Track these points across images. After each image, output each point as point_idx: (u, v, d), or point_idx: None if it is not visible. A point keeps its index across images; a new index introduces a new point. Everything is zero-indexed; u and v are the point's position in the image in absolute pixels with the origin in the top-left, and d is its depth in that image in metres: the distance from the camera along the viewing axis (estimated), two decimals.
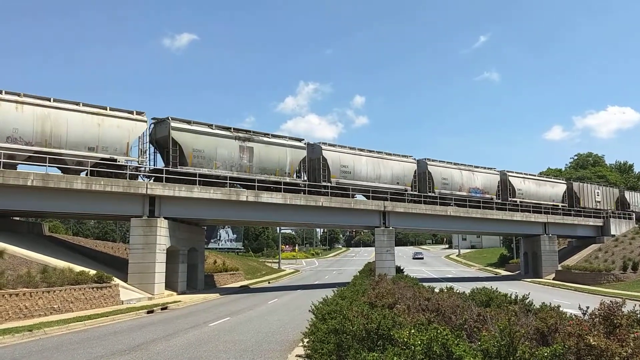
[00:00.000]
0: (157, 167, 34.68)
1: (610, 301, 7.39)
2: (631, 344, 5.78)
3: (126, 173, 32.19)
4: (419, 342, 5.64)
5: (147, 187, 32.08)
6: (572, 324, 6.69)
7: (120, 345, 15.09)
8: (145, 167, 34.19)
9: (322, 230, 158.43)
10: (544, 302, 11.34)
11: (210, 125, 35.83)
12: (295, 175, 39.78)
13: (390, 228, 43.89)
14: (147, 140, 33.86)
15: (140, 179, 33.49)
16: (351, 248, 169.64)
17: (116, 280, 27.87)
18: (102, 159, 31.07)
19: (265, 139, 38.34)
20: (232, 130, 36.83)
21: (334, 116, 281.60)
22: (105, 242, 52.10)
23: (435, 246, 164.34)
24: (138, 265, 31.18)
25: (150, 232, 31.65)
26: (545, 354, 5.27)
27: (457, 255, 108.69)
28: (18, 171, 28.59)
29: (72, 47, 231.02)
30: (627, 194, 63.93)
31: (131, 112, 32.68)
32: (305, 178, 41.18)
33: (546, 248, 53.97)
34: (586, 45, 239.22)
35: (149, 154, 34.74)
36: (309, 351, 9.04)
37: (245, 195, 36.31)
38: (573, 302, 22.04)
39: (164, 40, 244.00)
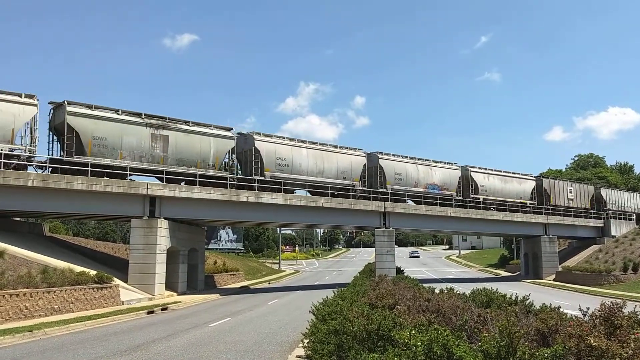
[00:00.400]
0: (54, 157, 31.27)
1: (611, 302, 7.39)
2: (632, 345, 5.78)
3: (12, 163, 28.68)
4: (420, 342, 5.64)
5: (147, 188, 32.09)
6: (573, 325, 6.69)
7: (121, 345, 15.10)
8: (35, 157, 30.36)
9: (322, 231, 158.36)
10: (544, 303, 11.34)
11: (116, 111, 32.33)
12: (223, 168, 37.26)
13: (391, 229, 43.89)
14: (37, 127, 29.92)
15: (31, 170, 30.21)
16: (351, 249, 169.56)
17: (116, 281, 27.88)
18: None
19: (185, 126, 34.94)
20: (143, 116, 33.26)
21: (334, 117, 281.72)
22: (105, 242, 52.13)
23: (435, 247, 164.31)
24: (138, 266, 31.19)
25: (151, 233, 31.65)
26: (546, 355, 5.27)
27: (457, 256, 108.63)
28: (18, 171, 28.59)
29: (73, 47, 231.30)
30: (603, 192, 61.73)
31: (19, 95, 29.07)
32: (239, 171, 39.29)
33: (546, 249, 53.94)
34: (587, 46, 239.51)
35: (49, 142, 31.95)
36: (309, 352, 9.05)
37: (246, 196, 36.30)
38: (573, 303, 22.03)
39: (164, 40, 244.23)
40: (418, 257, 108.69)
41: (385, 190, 44.63)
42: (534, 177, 57.57)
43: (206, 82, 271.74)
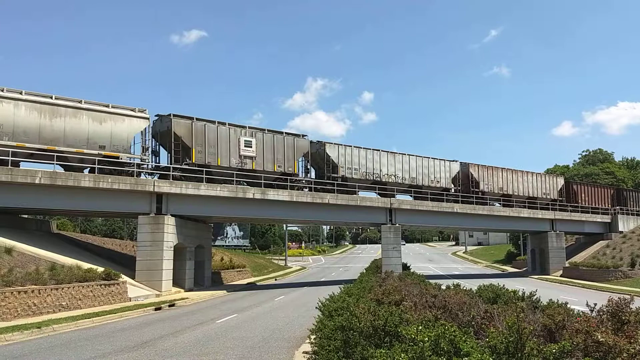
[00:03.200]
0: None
1: (618, 298, 7.37)
2: (639, 340, 5.76)
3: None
4: (427, 338, 5.64)
5: (154, 185, 32.18)
6: (580, 321, 6.68)
7: (129, 342, 15.18)
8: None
9: (328, 227, 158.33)
10: (551, 299, 11.31)
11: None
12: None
13: (397, 225, 43.87)
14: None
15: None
16: (357, 245, 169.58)
17: (124, 278, 28.00)
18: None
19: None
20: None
21: (342, 113, 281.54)
22: (112, 239, 52.34)
23: (442, 243, 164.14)
24: (145, 263, 31.32)
25: (158, 230, 31.76)
26: (554, 351, 5.26)
27: (463, 252, 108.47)
28: (26, 169, 28.75)
29: (80, 45, 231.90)
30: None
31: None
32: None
33: (553, 245, 53.78)
34: (597, 40, 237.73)
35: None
36: (316, 347, 9.06)
37: (252, 193, 36.36)
38: (581, 298, 21.96)
39: (172, 36, 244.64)
40: (404, 244, 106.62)
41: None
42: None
43: (214, 78, 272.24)
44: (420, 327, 6.19)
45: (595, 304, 7.85)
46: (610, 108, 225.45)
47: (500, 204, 51.98)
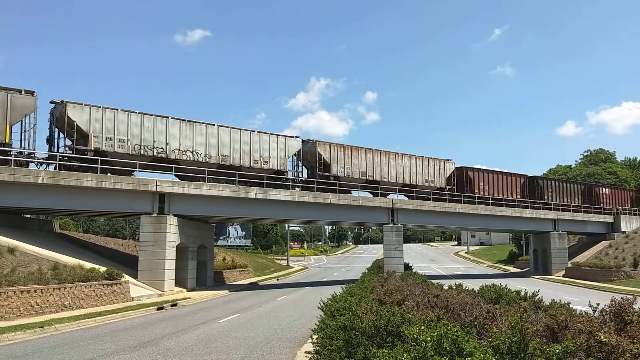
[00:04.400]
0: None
1: (621, 298, 7.36)
2: None
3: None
4: (429, 338, 5.64)
5: (156, 185, 32.21)
6: (583, 321, 6.67)
7: (131, 341, 15.20)
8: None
9: (330, 227, 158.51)
10: (553, 299, 11.29)
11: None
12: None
13: (399, 225, 43.85)
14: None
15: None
16: (359, 245, 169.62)
17: (126, 277, 28.04)
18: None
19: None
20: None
21: (345, 112, 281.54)
22: (115, 239, 52.40)
23: (444, 243, 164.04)
24: (148, 262, 31.35)
25: (160, 229, 31.79)
26: (557, 351, 5.25)
27: (465, 252, 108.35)
28: (29, 169, 28.79)
29: (80, 45, 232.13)
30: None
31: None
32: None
33: (556, 245, 53.71)
34: (602, 41, 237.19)
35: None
36: (318, 347, 9.05)
37: (254, 193, 36.39)
38: (583, 299, 21.93)
39: (176, 36, 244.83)
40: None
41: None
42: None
43: (217, 78, 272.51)
44: (422, 327, 6.19)
45: (598, 304, 7.83)
46: (614, 108, 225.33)
47: (359, 191, 44.06)
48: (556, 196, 56.00)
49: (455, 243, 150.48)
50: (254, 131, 37.87)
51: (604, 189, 61.20)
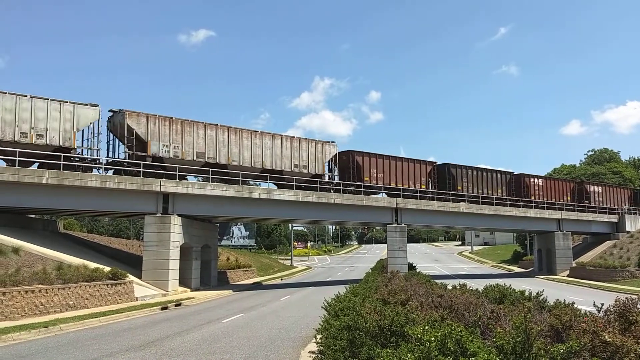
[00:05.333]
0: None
1: (626, 298, 7.35)
2: None
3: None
4: (433, 338, 5.64)
5: (160, 185, 32.27)
6: (587, 321, 6.66)
7: (135, 341, 15.23)
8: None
9: (334, 227, 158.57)
10: (558, 299, 11.27)
11: None
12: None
13: (403, 225, 43.82)
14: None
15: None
16: (363, 245, 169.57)
17: (130, 277, 28.09)
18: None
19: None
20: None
21: (349, 112, 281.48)
22: (119, 239, 52.53)
23: (447, 243, 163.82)
24: (152, 262, 31.41)
25: (164, 229, 31.85)
26: (561, 351, 5.24)
27: (469, 252, 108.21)
28: (33, 169, 28.87)
29: (84, 45, 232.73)
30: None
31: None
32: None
33: (560, 244, 53.57)
34: (607, 39, 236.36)
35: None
36: (322, 347, 9.06)
37: (258, 192, 36.43)
38: (587, 299, 21.88)
39: (180, 36, 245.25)
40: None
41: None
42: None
43: (221, 77, 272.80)
44: (426, 327, 6.19)
45: (603, 304, 7.82)
46: (619, 107, 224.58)
47: (195, 176, 37.68)
48: (473, 187, 49.49)
49: (459, 243, 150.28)
50: None
51: (535, 180, 55.43)
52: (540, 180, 55.93)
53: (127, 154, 32.15)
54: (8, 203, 28.51)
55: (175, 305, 26.41)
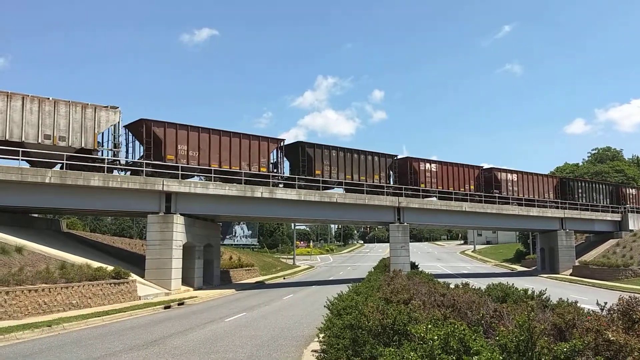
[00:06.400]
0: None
1: (629, 296, 7.33)
2: None
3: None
4: (436, 337, 5.63)
5: (163, 184, 32.30)
6: (591, 320, 6.64)
7: (138, 340, 15.25)
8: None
9: (336, 226, 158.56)
10: (561, 298, 11.25)
11: None
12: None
13: (405, 224, 43.79)
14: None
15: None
16: (365, 244, 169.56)
17: (133, 276, 28.14)
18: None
19: None
20: None
21: (352, 111, 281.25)
22: (122, 238, 52.60)
23: (450, 242, 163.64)
24: (155, 261, 31.46)
25: (167, 229, 31.89)
26: (565, 350, 5.23)
27: (472, 251, 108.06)
28: (36, 168, 28.91)
29: (86, 45, 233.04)
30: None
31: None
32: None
33: (563, 243, 53.48)
34: (611, 37, 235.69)
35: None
36: (325, 346, 9.07)
37: (260, 192, 36.45)
38: (591, 297, 21.82)
39: (183, 35, 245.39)
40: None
41: None
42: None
43: (224, 76, 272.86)
44: (429, 326, 6.18)
45: (606, 303, 7.80)
46: (623, 105, 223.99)
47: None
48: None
49: (462, 242, 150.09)
50: None
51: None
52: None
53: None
54: (12, 202, 28.57)
55: (178, 304, 26.45)
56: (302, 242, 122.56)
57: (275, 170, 38.42)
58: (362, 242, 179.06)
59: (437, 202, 45.69)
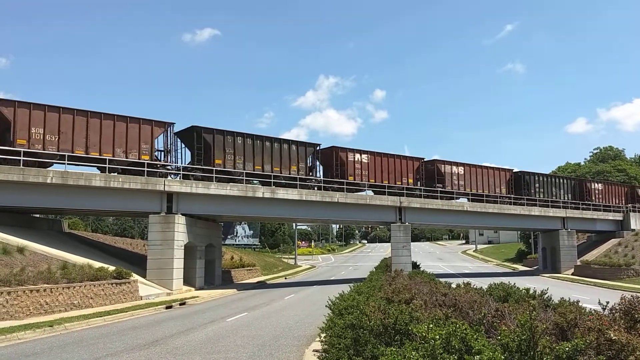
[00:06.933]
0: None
1: (631, 296, 7.32)
2: None
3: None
4: (438, 336, 5.63)
5: (164, 184, 32.32)
6: (592, 319, 6.63)
7: (140, 340, 15.26)
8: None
9: (337, 226, 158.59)
10: (562, 297, 11.24)
11: None
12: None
13: (407, 224, 43.76)
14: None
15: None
16: (367, 244, 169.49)
17: (135, 276, 28.15)
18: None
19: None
20: None
21: (353, 111, 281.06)
22: (124, 238, 52.64)
23: (451, 242, 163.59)
24: (156, 261, 31.47)
25: (168, 229, 31.90)
26: (567, 349, 5.22)
27: (474, 251, 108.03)
28: (37, 169, 28.94)
29: (86, 45, 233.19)
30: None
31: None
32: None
33: (565, 243, 53.42)
34: (613, 36, 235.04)
35: None
36: (326, 346, 9.06)
37: (262, 192, 36.45)
38: (592, 297, 21.79)
39: (184, 35, 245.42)
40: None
41: None
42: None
43: (225, 76, 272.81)
44: (431, 325, 6.18)
45: (608, 302, 7.79)
46: (625, 105, 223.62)
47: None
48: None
49: (463, 241, 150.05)
50: None
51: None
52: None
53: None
54: (13, 203, 28.61)
55: (180, 304, 26.47)
56: (303, 242, 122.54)
57: (165, 160, 33.85)
58: (363, 241, 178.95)
59: (439, 201, 45.64)
